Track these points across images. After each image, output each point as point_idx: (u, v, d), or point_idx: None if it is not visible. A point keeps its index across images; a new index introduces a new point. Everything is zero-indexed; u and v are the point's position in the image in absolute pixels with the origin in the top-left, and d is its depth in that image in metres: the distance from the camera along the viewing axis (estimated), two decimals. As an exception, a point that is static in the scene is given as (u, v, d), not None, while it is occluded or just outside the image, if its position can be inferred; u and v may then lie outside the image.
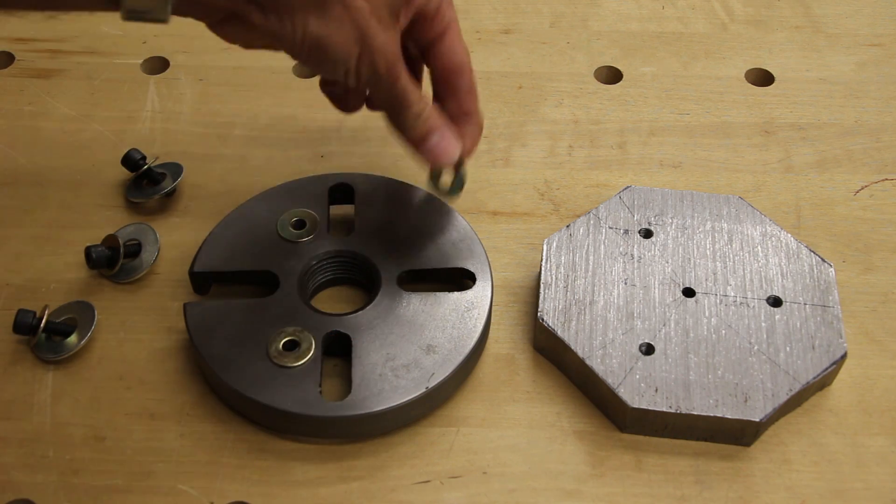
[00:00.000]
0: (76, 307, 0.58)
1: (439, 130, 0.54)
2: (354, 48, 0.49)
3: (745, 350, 0.54)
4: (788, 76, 0.75)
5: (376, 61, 0.50)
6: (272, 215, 0.61)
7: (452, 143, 0.54)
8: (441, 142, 0.54)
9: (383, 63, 0.50)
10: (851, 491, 0.52)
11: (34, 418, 0.55)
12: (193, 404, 0.55)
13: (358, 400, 0.52)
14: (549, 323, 0.55)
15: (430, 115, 0.54)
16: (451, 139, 0.54)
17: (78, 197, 0.66)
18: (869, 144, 0.70)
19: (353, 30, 0.48)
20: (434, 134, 0.54)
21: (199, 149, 0.69)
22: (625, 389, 0.52)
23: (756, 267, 0.58)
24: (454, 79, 0.55)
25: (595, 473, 0.52)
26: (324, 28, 0.47)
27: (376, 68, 0.50)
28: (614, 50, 0.77)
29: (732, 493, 0.52)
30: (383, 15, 0.49)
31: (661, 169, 0.68)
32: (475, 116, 0.56)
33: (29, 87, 0.74)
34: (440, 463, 0.53)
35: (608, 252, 0.59)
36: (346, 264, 0.60)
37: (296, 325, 0.55)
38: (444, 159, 0.54)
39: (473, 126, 0.56)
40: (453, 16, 0.55)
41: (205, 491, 0.52)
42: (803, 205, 0.66)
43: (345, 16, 0.48)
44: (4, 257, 0.62)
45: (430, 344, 0.54)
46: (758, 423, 0.51)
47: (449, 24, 0.54)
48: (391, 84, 0.51)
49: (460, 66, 0.55)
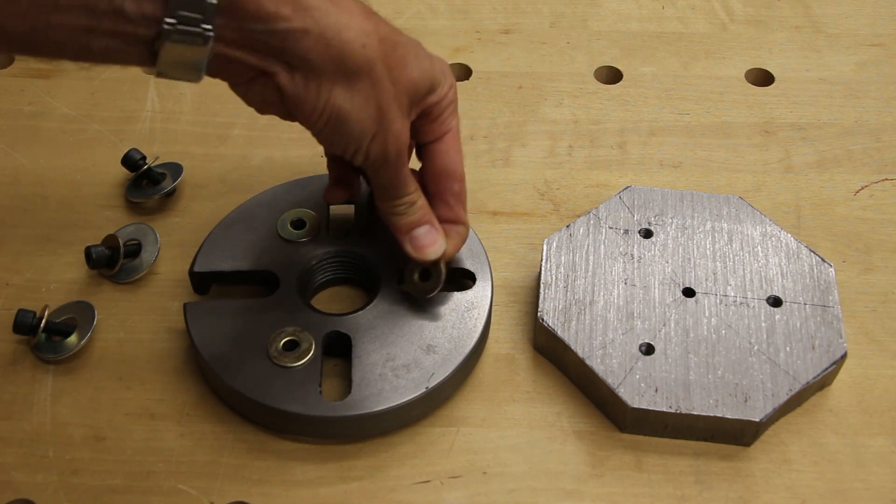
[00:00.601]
0: (76, 307, 0.59)
1: (428, 224, 0.55)
2: (372, 127, 0.49)
3: (745, 350, 0.54)
4: (788, 76, 0.75)
5: (388, 145, 0.50)
6: (272, 215, 0.61)
7: (438, 240, 0.55)
8: (428, 235, 0.55)
9: (394, 149, 0.51)
10: (851, 491, 0.52)
11: (34, 418, 0.55)
12: (193, 404, 0.55)
13: (358, 400, 0.52)
14: (549, 323, 0.55)
15: (423, 207, 0.55)
16: (437, 236, 0.55)
17: (78, 197, 0.66)
18: (869, 144, 0.70)
19: (375, 109, 0.49)
20: (422, 226, 0.55)
21: (199, 149, 0.69)
22: (625, 389, 0.52)
23: (756, 267, 0.58)
24: (446, 183, 0.55)
25: (595, 473, 0.52)
26: (348, 101, 0.48)
27: (387, 152, 0.51)
28: (614, 50, 0.77)
29: (732, 493, 0.52)
30: (403, 102, 0.50)
31: (661, 169, 0.68)
32: (461, 225, 0.57)
33: (29, 87, 0.74)
34: (440, 463, 0.53)
35: (608, 252, 0.59)
36: (346, 264, 0.60)
37: (296, 325, 0.55)
38: (427, 253, 0.55)
39: (457, 234, 0.57)
40: (456, 122, 0.55)
41: (205, 491, 0.52)
42: (803, 205, 0.66)
43: (371, 93, 0.48)
44: (4, 257, 0.62)
45: (430, 344, 0.54)
46: (758, 423, 0.51)
47: (450, 129, 0.55)
48: (396, 170, 0.52)
49: (454, 173, 0.55)
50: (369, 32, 0.47)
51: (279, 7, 0.45)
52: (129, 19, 0.43)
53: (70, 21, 0.42)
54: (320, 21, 0.46)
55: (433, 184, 0.56)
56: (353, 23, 0.47)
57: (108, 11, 0.42)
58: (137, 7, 0.43)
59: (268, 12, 0.44)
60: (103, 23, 0.42)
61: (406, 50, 0.50)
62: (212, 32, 0.44)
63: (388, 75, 0.48)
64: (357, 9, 0.48)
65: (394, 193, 0.54)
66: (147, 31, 0.43)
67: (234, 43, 0.45)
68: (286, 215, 0.60)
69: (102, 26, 0.43)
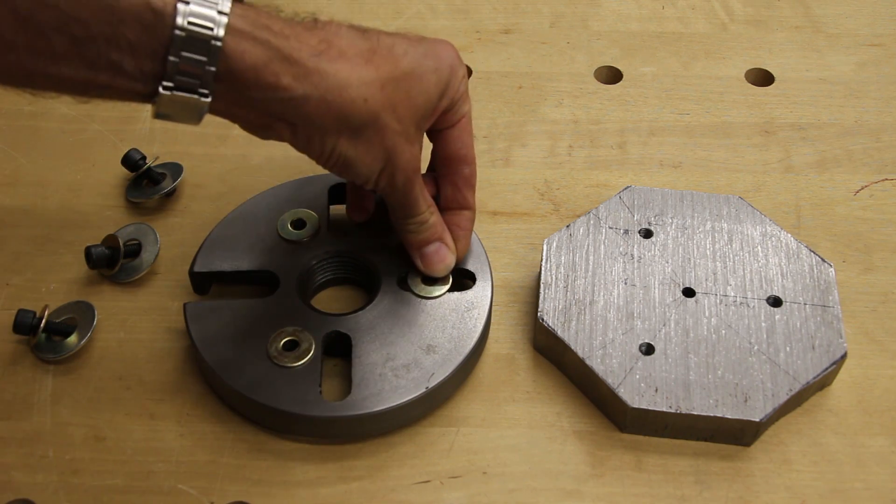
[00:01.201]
0: (76, 307, 0.59)
1: (439, 242, 0.56)
2: (379, 165, 0.50)
3: (745, 350, 0.54)
4: (788, 76, 0.75)
5: (396, 176, 0.51)
6: (272, 215, 0.61)
7: (448, 257, 0.56)
8: (438, 251, 0.56)
9: (402, 178, 0.52)
10: (851, 491, 0.52)
11: (34, 418, 0.55)
12: (193, 404, 0.55)
13: (358, 400, 0.52)
14: (549, 323, 0.55)
15: (434, 225, 0.55)
16: (447, 253, 0.56)
17: (78, 197, 0.66)
18: (869, 144, 0.70)
19: (382, 151, 0.50)
20: (433, 244, 0.56)
21: (199, 149, 0.69)
22: (625, 389, 0.52)
23: (756, 267, 0.58)
24: (456, 167, 0.56)
25: (595, 473, 0.52)
26: (353, 150, 0.49)
27: (395, 182, 0.52)
28: (614, 50, 0.77)
29: (732, 493, 0.52)
30: (411, 132, 0.50)
31: (661, 169, 0.68)
32: (468, 210, 0.57)
33: (29, 87, 0.74)
34: (440, 463, 0.53)
35: (608, 252, 0.59)
36: (346, 264, 0.60)
37: (296, 325, 0.55)
38: (436, 270, 0.56)
39: (465, 219, 0.57)
40: (468, 108, 0.55)
41: (205, 491, 0.52)
42: (803, 205, 0.66)
43: (375, 139, 0.49)
44: (4, 257, 0.62)
45: (430, 344, 0.54)
46: (758, 423, 0.51)
47: (463, 115, 0.55)
48: (406, 194, 0.53)
49: (465, 157, 0.56)
50: (370, 83, 0.47)
51: (279, 78, 0.45)
52: (128, 75, 0.43)
53: (68, 73, 0.42)
54: (320, 85, 0.46)
55: (443, 167, 0.56)
56: (353, 77, 0.47)
57: (105, 66, 0.42)
58: (136, 65, 0.42)
59: (267, 83, 0.45)
60: (100, 76, 0.43)
61: (409, 82, 0.50)
62: (209, 98, 0.44)
63: (393, 117, 0.49)
64: (356, 55, 0.48)
65: (405, 213, 0.54)
66: (144, 88, 0.44)
67: (235, 103, 0.46)
68: (286, 215, 0.60)
69: (100, 80, 0.43)
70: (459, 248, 0.57)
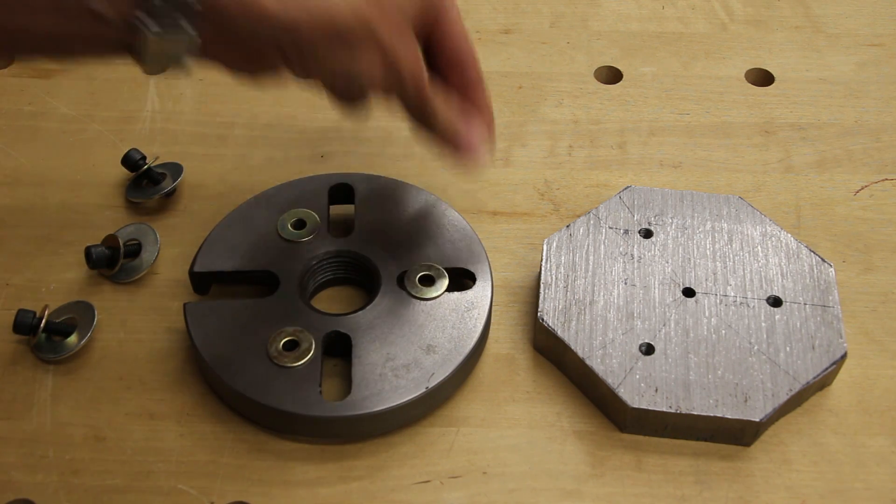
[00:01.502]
0: (76, 307, 0.58)
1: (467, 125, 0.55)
2: (381, 70, 0.49)
3: (745, 350, 0.54)
4: (788, 76, 0.75)
5: (402, 74, 0.50)
6: (272, 215, 0.61)
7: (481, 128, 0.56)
8: (470, 131, 0.55)
9: (408, 74, 0.51)
10: (851, 491, 0.52)
11: (34, 418, 0.55)
12: (193, 404, 0.55)
13: (358, 400, 0.52)
14: (549, 323, 0.55)
15: (456, 109, 0.54)
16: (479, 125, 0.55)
17: (78, 197, 0.66)
18: (869, 144, 0.70)
19: (380, 55, 0.49)
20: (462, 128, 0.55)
21: (199, 149, 0.69)
22: (625, 389, 0.52)
23: (756, 267, 0.58)
24: (460, 72, 0.55)
25: (595, 473, 0.52)
26: (352, 63, 0.48)
27: (403, 82, 0.51)
28: (614, 50, 0.77)
29: (732, 493, 0.52)
30: (405, 31, 0.50)
31: (661, 169, 0.68)
32: (485, 112, 0.56)
33: (29, 87, 0.74)
34: (440, 463, 0.53)
35: (608, 252, 0.59)
36: (346, 264, 0.60)
37: (296, 325, 0.55)
38: (477, 145, 0.55)
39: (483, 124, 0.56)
40: (456, 12, 0.54)
41: (205, 491, 0.52)
42: (803, 205, 0.66)
43: (371, 45, 0.48)
44: (4, 257, 0.62)
45: (430, 344, 0.54)
46: (758, 423, 0.51)
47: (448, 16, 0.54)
48: (417, 89, 0.52)
49: (464, 60, 0.55)
50: None
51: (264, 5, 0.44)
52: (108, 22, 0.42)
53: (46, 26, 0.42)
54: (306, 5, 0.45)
55: (448, 79, 0.55)
56: None
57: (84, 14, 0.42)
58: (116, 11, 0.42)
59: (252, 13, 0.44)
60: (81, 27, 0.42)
61: None
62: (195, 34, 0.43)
63: (383, 21, 0.48)
64: None
65: (425, 111, 0.53)
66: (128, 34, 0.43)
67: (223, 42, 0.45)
68: (286, 215, 0.60)
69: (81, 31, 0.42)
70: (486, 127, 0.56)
